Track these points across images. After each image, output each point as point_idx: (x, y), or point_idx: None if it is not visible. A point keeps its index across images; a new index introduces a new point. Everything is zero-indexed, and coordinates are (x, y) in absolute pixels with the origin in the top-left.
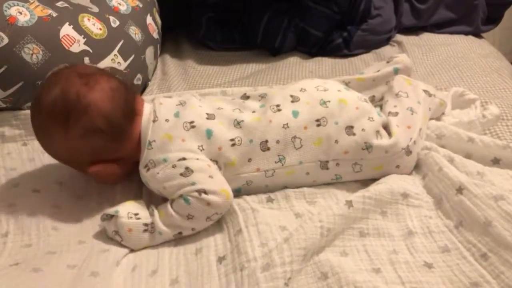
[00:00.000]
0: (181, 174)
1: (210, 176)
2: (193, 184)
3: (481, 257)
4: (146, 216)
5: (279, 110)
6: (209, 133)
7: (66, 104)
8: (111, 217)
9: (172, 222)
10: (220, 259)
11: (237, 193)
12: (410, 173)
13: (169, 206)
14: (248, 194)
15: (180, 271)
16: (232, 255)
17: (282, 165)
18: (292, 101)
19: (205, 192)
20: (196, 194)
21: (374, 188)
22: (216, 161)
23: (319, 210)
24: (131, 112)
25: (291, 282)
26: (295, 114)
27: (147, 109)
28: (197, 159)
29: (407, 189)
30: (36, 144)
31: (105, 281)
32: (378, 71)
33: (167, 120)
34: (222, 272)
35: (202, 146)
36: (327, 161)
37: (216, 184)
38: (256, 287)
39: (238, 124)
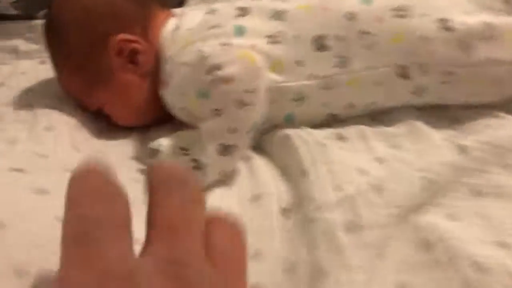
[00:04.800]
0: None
1: (224, 44)
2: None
3: None
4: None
5: None
6: (237, 30)
7: None
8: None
9: (205, 131)
10: (284, 211)
11: (289, 123)
12: None
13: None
14: (304, 122)
15: None
16: (296, 205)
17: (344, 69)
18: None
19: (218, 68)
20: (209, 77)
21: (490, 134)
22: None
23: (415, 156)
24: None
25: (384, 252)
26: (367, 0)
27: (170, 20)
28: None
29: None
30: None
31: None
32: None
33: (189, 29)
34: (284, 227)
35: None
36: (408, 66)
37: (231, 51)
38: (341, 257)
39: (277, 15)
